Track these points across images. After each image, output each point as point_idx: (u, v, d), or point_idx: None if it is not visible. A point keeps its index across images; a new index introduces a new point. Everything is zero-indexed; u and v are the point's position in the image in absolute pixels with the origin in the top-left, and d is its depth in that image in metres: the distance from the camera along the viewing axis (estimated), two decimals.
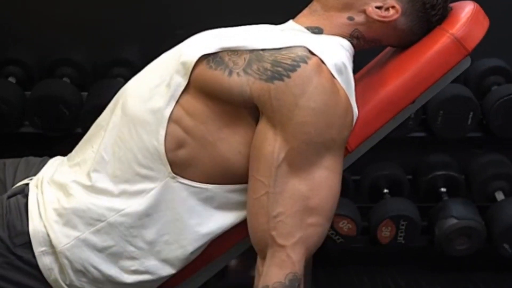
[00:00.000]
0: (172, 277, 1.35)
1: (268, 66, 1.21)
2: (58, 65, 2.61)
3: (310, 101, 1.20)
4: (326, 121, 1.21)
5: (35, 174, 1.43)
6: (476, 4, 1.42)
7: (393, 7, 1.38)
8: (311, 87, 1.20)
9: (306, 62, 1.21)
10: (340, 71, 1.25)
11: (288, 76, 1.20)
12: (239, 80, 1.22)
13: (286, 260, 1.21)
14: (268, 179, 1.21)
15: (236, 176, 1.27)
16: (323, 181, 1.22)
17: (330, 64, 1.24)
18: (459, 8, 1.43)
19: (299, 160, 1.21)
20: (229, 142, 1.25)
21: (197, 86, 1.25)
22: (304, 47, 1.23)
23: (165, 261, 1.30)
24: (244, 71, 1.22)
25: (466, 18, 1.37)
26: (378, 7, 1.38)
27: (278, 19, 1.46)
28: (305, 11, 1.42)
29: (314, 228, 1.23)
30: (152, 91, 1.28)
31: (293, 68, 1.20)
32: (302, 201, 1.21)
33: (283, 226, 1.21)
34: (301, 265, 1.22)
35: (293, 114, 1.19)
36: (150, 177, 1.27)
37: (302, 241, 1.21)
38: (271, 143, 1.21)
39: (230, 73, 1.23)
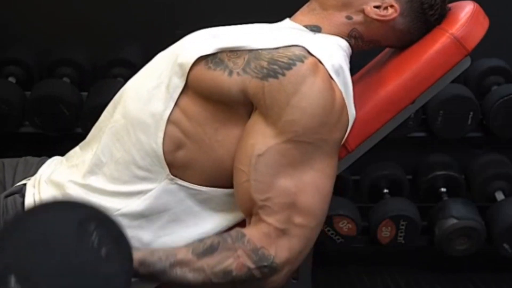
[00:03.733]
0: None
1: (265, 64, 1.21)
2: (58, 65, 2.60)
3: (303, 100, 1.19)
4: (316, 122, 1.20)
5: (33, 174, 1.43)
6: (476, 4, 1.42)
7: (391, 6, 1.38)
8: (305, 86, 1.19)
9: (302, 62, 1.21)
10: (337, 72, 1.24)
11: (283, 74, 1.20)
12: (239, 79, 1.22)
13: (269, 234, 1.18)
14: (248, 168, 1.20)
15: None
16: (311, 181, 1.20)
17: (328, 64, 1.23)
18: (459, 8, 1.43)
19: (285, 157, 1.19)
20: (225, 144, 1.25)
21: (194, 87, 1.25)
22: (302, 47, 1.23)
23: None
24: (243, 70, 1.22)
25: (466, 18, 1.37)
26: (377, 6, 1.38)
27: (277, 18, 1.46)
28: (303, 10, 1.42)
29: (298, 229, 1.20)
30: (150, 93, 1.28)
31: (289, 66, 1.20)
32: (288, 196, 1.19)
33: (269, 209, 1.19)
34: (279, 252, 1.18)
35: (283, 111, 1.19)
36: (148, 178, 1.26)
37: (286, 234, 1.19)
38: (255, 136, 1.20)
39: (231, 73, 1.22)
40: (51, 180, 1.36)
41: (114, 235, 1.05)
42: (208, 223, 1.29)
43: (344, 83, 1.26)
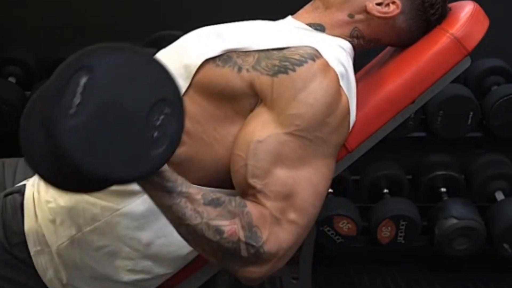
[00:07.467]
0: (171, 277, 1.35)
1: (276, 62, 1.22)
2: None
3: (310, 97, 1.19)
4: (319, 120, 1.19)
5: (34, 174, 1.43)
6: (476, 4, 1.42)
7: (393, 2, 1.38)
8: (314, 84, 1.20)
9: (314, 60, 1.21)
10: (342, 75, 1.25)
11: (294, 70, 1.20)
12: (248, 75, 1.22)
13: (265, 216, 1.15)
14: (246, 153, 1.18)
15: None
16: (307, 177, 1.19)
17: (335, 68, 1.24)
18: (459, 8, 1.43)
19: (284, 148, 1.18)
20: (225, 142, 1.24)
21: (198, 86, 1.25)
22: (313, 47, 1.24)
23: (161, 261, 1.30)
24: (253, 67, 1.22)
25: (466, 18, 1.37)
26: (379, 4, 1.38)
27: (276, 16, 1.46)
28: (307, 8, 1.43)
29: (290, 225, 1.17)
30: None
31: (300, 63, 1.21)
32: (284, 187, 1.17)
33: (266, 196, 1.17)
34: (270, 239, 1.15)
35: (289, 105, 1.19)
36: None
37: (279, 224, 1.16)
38: (256, 124, 1.20)
39: (240, 69, 1.23)
40: None
41: (174, 129, 1.06)
42: None
43: (348, 86, 1.26)
